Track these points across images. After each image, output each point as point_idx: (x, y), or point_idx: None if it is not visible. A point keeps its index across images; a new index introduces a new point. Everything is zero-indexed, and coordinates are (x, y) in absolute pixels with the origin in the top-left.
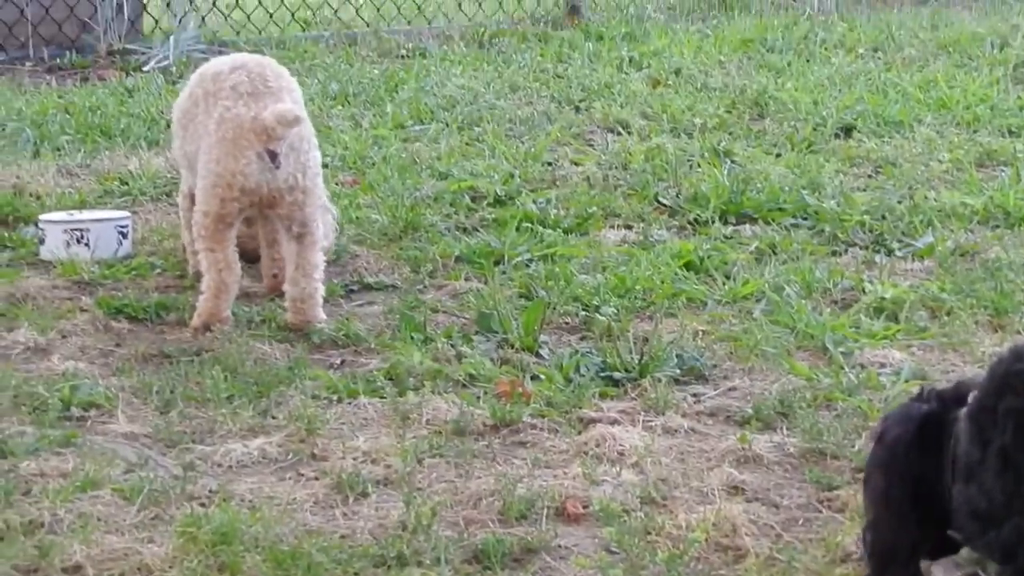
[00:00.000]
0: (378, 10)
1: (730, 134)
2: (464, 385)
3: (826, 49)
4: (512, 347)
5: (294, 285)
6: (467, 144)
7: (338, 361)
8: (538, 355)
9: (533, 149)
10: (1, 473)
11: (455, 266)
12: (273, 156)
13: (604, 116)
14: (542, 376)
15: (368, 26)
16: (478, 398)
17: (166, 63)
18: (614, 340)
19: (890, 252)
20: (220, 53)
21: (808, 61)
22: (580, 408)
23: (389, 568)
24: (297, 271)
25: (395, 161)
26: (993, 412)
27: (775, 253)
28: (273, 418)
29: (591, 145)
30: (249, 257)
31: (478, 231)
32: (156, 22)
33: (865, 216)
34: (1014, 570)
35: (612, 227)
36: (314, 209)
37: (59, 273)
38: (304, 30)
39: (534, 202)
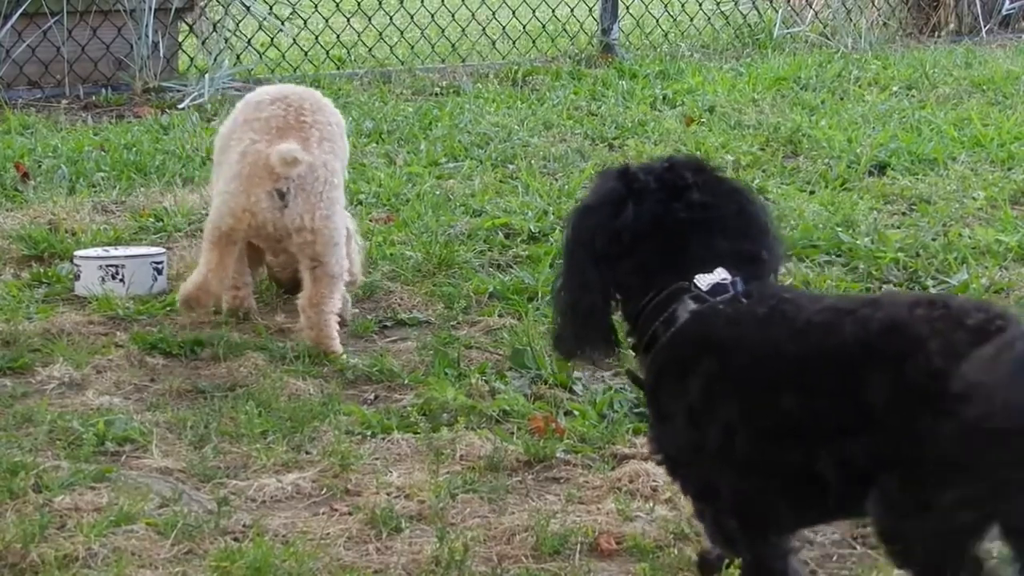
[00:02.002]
0: (412, 48)
1: (764, 172)
2: (498, 421)
3: (860, 87)
4: (546, 383)
5: (303, 313)
6: (501, 181)
7: (372, 397)
8: (572, 391)
9: (567, 186)
10: (36, 508)
11: (489, 302)
12: (282, 195)
13: (638, 154)
14: (576, 412)
15: (402, 64)
16: (512, 434)
17: (201, 100)
18: None
19: (924, 289)
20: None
21: (842, 99)
22: (614, 444)
23: None
24: (308, 301)
25: (429, 198)
26: (691, 363)
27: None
28: (307, 453)
29: None
30: (286, 287)
31: (512, 268)
32: (191, 60)
33: (899, 253)
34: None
35: None
36: (327, 247)
37: (94, 309)
38: (339, 68)
39: None
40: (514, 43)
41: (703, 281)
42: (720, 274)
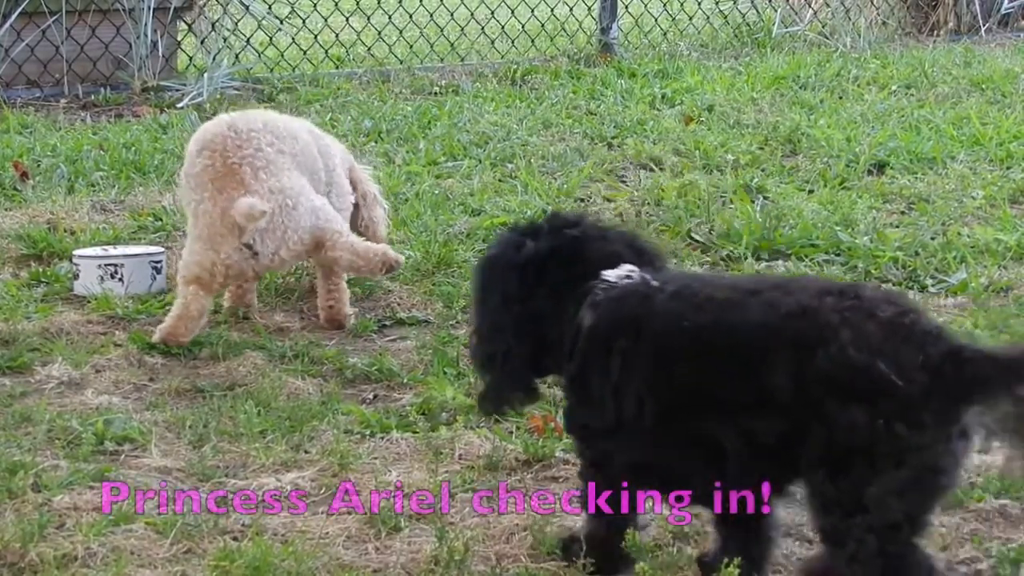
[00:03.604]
0: (411, 47)
1: (763, 171)
2: (497, 420)
3: (859, 86)
4: (544, 382)
5: (324, 299)
6: (500, 180)
7: (371, 396)
8: None
9: (566, 185)
10: (35, 507)
11: None
12: (250, 247)
13: (637, 153)
14: None
15: (401, 63)
16: (511, 433)
17: (200, 100)
18: None
19: (923, 288)
20: (254, 90)
21: (841, 98)
22: None
23: None
24: (324, 284)
25: (428, 197)
26: (610, 342)
27: None
28: (306, 452)
29: (624, 181)
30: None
31: None
32: (190, 59)
33: (898, 252)
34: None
35: None
36: (319, 251)
37: (93, 308)
38: (338, 67)
39: None
40: (513, 42)
41: (611, 275)
42: (626, 268)
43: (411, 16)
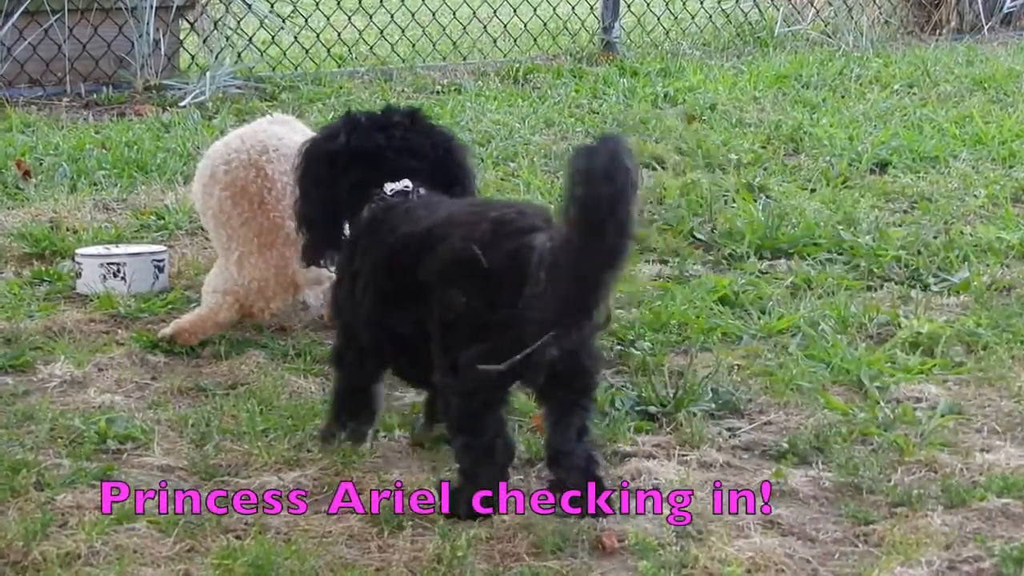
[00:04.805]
0: (413, 46)
1: (765, 169)
2: None
3: (861, 85)
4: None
5: None
6: (502, 179)
7: None
8: None
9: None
10: (38, 505)
11: None
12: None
13: (639, 151)
14: None
15: (403, 62)
16: (513, 431)
17: (202, 99)
18: (649, 375)
19: (926, 287)
20: (256, 89)
21: (843, 97)
22: (615, 442)
23: None
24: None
25: None
26: (359, 242)
27: (810, 288)
28: (308, 451)
29: None
30: None
31: None
32: (192, 58)
33: (901, 251)
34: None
35: (647, 262)
36: None
37: (95, 307)
38: (340, 66)
39: None
40: (515, 41)
41: (388, 188)
42: (404, 183)
43: (413, 15)
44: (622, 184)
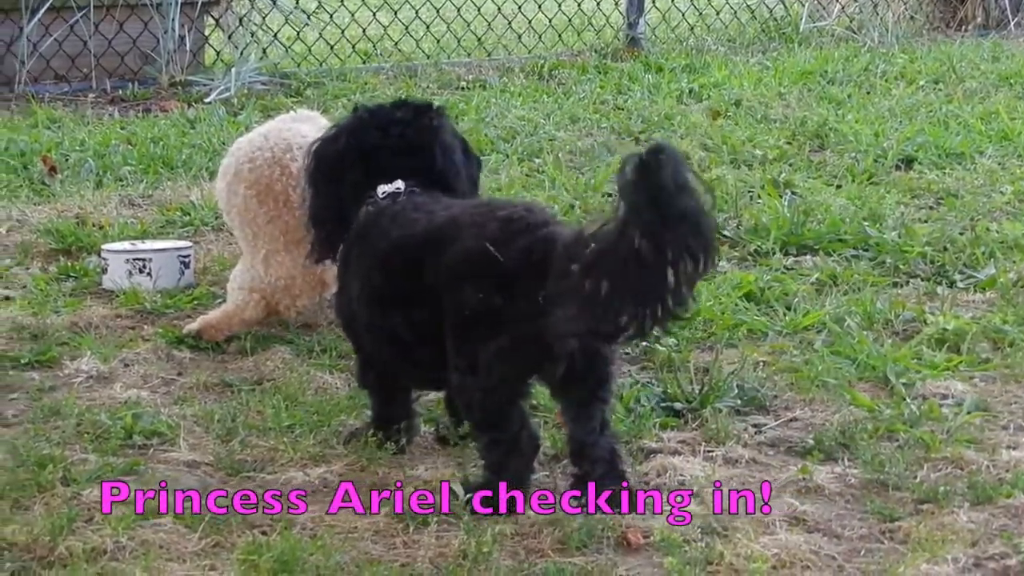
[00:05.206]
0: (438, 42)
1: (790, 165)
2: None
3: (887, 81)
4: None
5: None
6: (527, 175)
7: None
8: None
9: (593, 180)
10: (64, 500)
11: None
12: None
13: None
14: None
15: (428, 58)
16: (539, 428)
17: (227, 94)
18: (675, 371)
19: (952, 284)
20: (281, 85)
21: (868, 93)
22: (641, 438)
23: None
24: None
25: None
26: (355, 247)
27: (836, 284)
28: (333, 447)
29: None
30: None
31: None
32: (218, 54)
33: (926, 247)
34: None
35: None
36: None
37: (121, 302)
38: (364, 62)
39: None
40: (540, 37)
41: (380, 189)
42: (396, 184)
43: (438, 11)
44: (698, 197)
